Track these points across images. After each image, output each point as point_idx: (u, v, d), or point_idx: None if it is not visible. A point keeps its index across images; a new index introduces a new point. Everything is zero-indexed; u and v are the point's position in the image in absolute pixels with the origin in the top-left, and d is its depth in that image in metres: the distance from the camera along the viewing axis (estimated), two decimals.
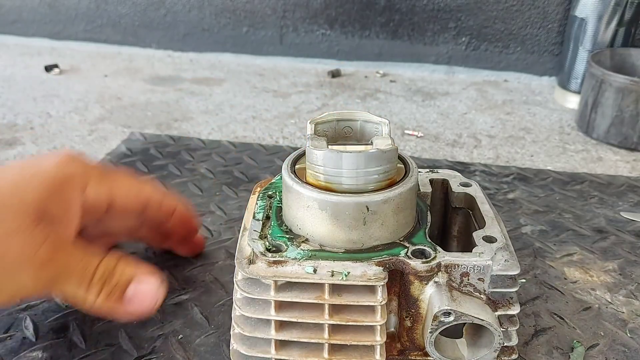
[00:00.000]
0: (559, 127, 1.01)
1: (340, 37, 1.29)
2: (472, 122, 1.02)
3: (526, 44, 1.21)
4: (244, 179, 0.79)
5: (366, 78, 1.25)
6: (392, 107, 1.09)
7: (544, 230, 0.67)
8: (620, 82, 0.88)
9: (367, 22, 1.26)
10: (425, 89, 1.19)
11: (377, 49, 1.28)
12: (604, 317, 0.53)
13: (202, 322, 0.51)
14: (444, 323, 0.40)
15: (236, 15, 1.32)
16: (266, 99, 1.12)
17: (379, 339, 0.40)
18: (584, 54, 1.05)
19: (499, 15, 1.20)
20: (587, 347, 0.49)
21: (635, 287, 0.57)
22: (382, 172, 0.41)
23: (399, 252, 0.41)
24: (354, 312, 0.40)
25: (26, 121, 0.99)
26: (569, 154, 0.90)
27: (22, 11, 1.44)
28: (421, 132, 0.97)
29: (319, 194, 0.40)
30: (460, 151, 0.91)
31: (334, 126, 0.46)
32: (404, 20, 1.24)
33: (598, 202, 0.74)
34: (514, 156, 0.89)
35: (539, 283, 0.58)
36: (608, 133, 0.92)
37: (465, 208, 0.50)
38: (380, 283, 0.39)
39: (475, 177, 0.80)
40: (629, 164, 0.87)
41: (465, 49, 1.24)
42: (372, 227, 0.41)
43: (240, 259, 0.41)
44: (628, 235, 0.66)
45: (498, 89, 1.19)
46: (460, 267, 0.40)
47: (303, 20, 1.29)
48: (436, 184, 0.52)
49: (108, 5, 1.38)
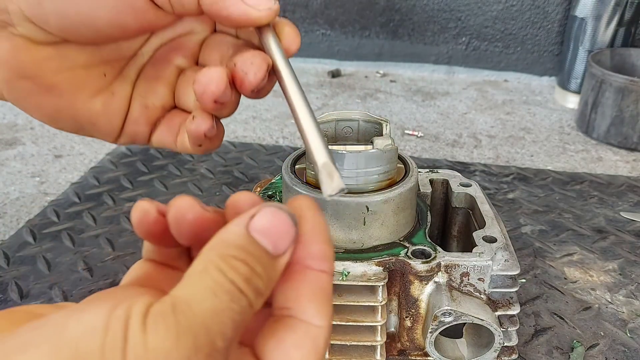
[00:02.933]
0: (558, 127, 1.01)
1: (340, 37, 1.29)
2: (472, 122, 1.02)
3: (526, 44, 1.21)
4: (244, 179, 0.79)
5: (366, 78, 1.25)
6: (392, 107, 1.09)
7: (543, 230, 0.67)
8: (620, 82, 0.88)
9: (367, 22, 1.26)
10: (425, 89, 1.19)
11: (377, 49, 1.28)
12: (604, 317, 0.53)
13: None
14: (444, 323, 0.40)
15: None
16: (266, 99, 1.12)
17: (379, 339, 0.40)
18: (583, 54, 1.05)
19: (499, 15, 1.20)
20: (587, 347, 0.49)
21: (635, 287, 0.57)
22: (382, 172, 0.41)
23: (399, 252, 0.41)
24: (354, 312, 0.40)
25: (26, 121, 0.99)
26: (569, 154, 0.90)
27: None
28: (421, 132, 0.97)
29: (318, 194, 0.40)
30: (460, 151, 0.91)
31: (334, 126, 0.46)
32: (404, 20, 1.24)
33: (598, 202, 0.74)
34: (514, 156, 0.89)
35: (539, 283, 0.58)
36: (608, 133, 0.92)
37: (465, 208, 0.50)
38: (381, 283, 0.39)
39: (475, 177, 0.80)
40: (629, 164, 0.87)
41: (466, 49, 1.24)
42: (372, 227, 0.41)
43: None
44: (628, 235, 0.66)
45: (498, 89, 1.19)
46: (460, 267, 0.40)
47: (303, 20, 1.29)
48: (436, 184, 0.52)
49: None
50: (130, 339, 0.16)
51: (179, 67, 0.36)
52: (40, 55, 0.32)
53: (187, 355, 0.16)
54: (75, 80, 0.34)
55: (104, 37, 0.32)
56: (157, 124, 0.37)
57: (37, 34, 0.32)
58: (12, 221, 0.70)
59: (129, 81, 0.36)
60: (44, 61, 0.33)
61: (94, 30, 0.31)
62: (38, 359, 0.15)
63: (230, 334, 0.18)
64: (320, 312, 0.21)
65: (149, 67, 0.36)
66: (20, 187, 0.78)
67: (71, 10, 0.30)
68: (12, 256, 0.62)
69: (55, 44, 0.33)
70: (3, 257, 0.62)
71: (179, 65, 0.36)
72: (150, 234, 0.23)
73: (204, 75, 0.30)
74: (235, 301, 0.18)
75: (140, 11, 0.31)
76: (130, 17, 0.31)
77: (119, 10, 0.30)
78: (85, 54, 0.34)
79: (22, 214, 0.72)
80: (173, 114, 0.37)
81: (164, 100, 0.37)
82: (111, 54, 0.35)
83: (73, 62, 0.34)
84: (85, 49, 0.34)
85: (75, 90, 0.34)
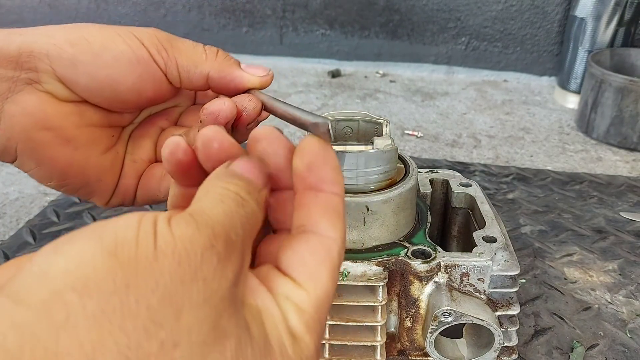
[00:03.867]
0: (558, 127, 1.01)
1: (340, 37, 1.29)
2: (471, 122, 1.02)
3: (526, 44, 1.21)
4: None
5: (366, 78, 1.25)
6: (391, 107, 1.09)
7: (543, 231, 0.67)
8: (619, 82, 0.88)
9: (366, 22, 1.26)
10: (425, 89, 1.19)
11: (376, 49, 1.28)
12: (603, 317, 0.53)
13: None
14: (444, 323, 0.40)
15: (236, 16, 1.32)
16: None
17: (379, 339, 0.40)
18: (583, 54, 1.05)
19: (499, 16, 1.20)
20: (587, 347, 0.49)
21: (635, 287, 0.57)
22: (382, 172, 0.41)
23: (399, 252, 0.41)
24: (354, 312, 0.40)
25: None
26: (569, 154, 0.90)
27: (22, 11, 1.43)
28: (421, 132, 0.97)
29: None
30: (459, 151, 0.91)
31: (334, 126, 0.46)
32: (404, 20, 1.24)
33: (597, 202, 0.74)
34: (514, 156, 0.89)
35: (539, 283, 0.58)
36: (607, 133, 0.92)
37: (465, 208, 0.50)
38: (381, 283, 0.39)
39: (475, 177, 0.80)
40: (629, 164, 0.87)
41: (465, 49, 1.24)
42: (372, 227, 0.41)
43: None
44: (628, 235, 0.66)
45: (497, 89, 1.19)
46: (460, 267, 0.40)
47: (303, 20, 1.29)
48: (436, 184, 0.52)
49: (108, 5, 1.38)
50: (159, 231, 0.18)
51: (162, 127, 0.43)
52: (63, 110, 0.37)
53: (209, 240, 0.19)
54: (92, 136, 0.39)
55: (120, 101, 0.37)
56: (141, 176, 0.42)
57: (62, 92, 0.36)
58: (11, 221, 0.70)
59: (124, 142, 0.42)
60: (67, 115, 0.37)
61: (115, 93, 0.36)
62: (84, 244, 0.17)
63: (241, 232, 0.21)
64: (333, 226, 0.24)
65: (138, 129, 0.42)
66: (20, 187, 0.78)
67: (102, 73, 0.35)
68: (12, 256, 0.62)
69: (75, 102, 0.37)
70: (3, 258, 0.62)
71: (162, 126, 0.43)
72: (180, 166, 0.25)
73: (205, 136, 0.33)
74: (241, 206, 0.21)
75: (157, 82, 0.37)
76: (149, 85, 0.36)
77: (143, 79, 0.36)
78: (99, 115, 0.38)
79: (22, 214, 0.72)
80: (155, 166, 0.42)
81: (149, 154, 0.42)
82: (116, 120, 0.40)
83: (90, 120, 0.38)
84: (99, 111, 0.38)
85: (91, 145, 0.39)
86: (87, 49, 0.35)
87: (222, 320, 0.18)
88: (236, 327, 0.19)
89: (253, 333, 0.20)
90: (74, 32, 0.35)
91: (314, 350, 0.22)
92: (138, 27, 0.37)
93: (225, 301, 0.18)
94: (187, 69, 0.36)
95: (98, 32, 0.36)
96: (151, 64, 0.36)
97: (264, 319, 0.21)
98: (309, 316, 0.22)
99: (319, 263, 0.23)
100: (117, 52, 0.35)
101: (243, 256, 0.21)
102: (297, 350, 0.21)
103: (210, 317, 0.18)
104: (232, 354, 0.18)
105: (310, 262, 0.23)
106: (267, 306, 0.21)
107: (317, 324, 0.22)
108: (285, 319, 0.21)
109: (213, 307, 0.18)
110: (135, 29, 0.36)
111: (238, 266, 0.20)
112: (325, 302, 0.23)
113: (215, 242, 0.19)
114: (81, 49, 0.35)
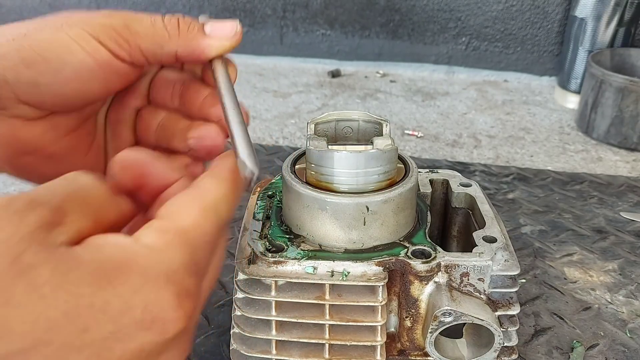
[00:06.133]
0: (558, 127, 1.01)
1: (340, 37, 1.29)
2: (472, 122, 1.02)
3: (526, 44, 1.21)
4: None
5: (366, 78, 1.25)
6: (392, 107, 1.09)
7: (543, 230, 0.67)
8: (620, 82, 0.88)
9: (367, 22, 1.26)
10: (425, 89, 1.19)
11: (377, 49, 1.28)
12: (604, 317, 0.53)
13: (202, 322, 0.51)
14: (444, 323, 0.40)
15: (236, 15, 1.32)
16: (266, 99, 1.12)
17: (379, 339, 0.40)
18: (583, 54, 1.05)
19: (499, 16, 1.20)
20: (587, 347, 0.49)
21: (635, 287, 0.57)
22: (382, 172, 0.41)
23: (399, 252, 0.41)
24: (354, 312, 0.40)
25: None
26: (569, 154, 0.90)
27: (22, 11, 1.43)
28: (421, 132, 0.97)
29: (318, 194, 0.40)
30: (460, 151, 0.91)
31: (334, 126, 0.46)
32: (404, 20, 1.24)
33: (598, 202, 0.74)
34: (514, 156, 0.89)
35: (539, 283, 0.58)
36: (608, 133, 0.92)
37: (465, 208, 0.50)
38: (381, 283, 0.39)
39: (475, 177, 0.80)
40: (629, 164, 0.87)
41: (465, 49, 1.24)
42: (372, 227, 0.41)
43: (240, 259, 0.41)
44: (628, 236, 0.66)
45: (498, 89, 1.19)
46: (460, 267, 0.40)
47: (303, 20, 1.29)
48: (436, 184, 0.52)
49: (108, 5, 1.38)
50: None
51: (136, 109, 0.41)
52: (36, 131, 0.36)
53: (11, 202, 0.22)
54: (70, 145, 0.38)
55: (90, 101, 0.37)
56: None
57: (30, 113, 0.35)
58: None
59: (102, 131, 0.41)
60: (42, 134, 0.37)
61: (83, 99, 0.36)
62: None
63: (55, 199, 0.24)
64: (217, 184, 0.27)
65: (111, 112, 0.41)
66: (20, 187, 0.78)
67: (66, 89, 0.34)
68: None
69: (45, 117, 0.36)
70: None
71: (135, 106, 0.41)
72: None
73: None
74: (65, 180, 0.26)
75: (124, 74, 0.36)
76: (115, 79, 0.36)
77: (109, 79, 0.35)
78: (71, 119, 0.38)
79: None
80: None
81: (129, 141, 0.41)
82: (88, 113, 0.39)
83: (65, 129, 0.38)
84: (71, 115, 0.38)
85: (73, 153, 0.39)
86: (44, 68, 0.33)
87: (25, 255, 0.21)
88: (46, 260, 0.21)
89: (82, 258, 0.22)
90: (24, 45, 0.33)
91: (179, 264, 0.24)
92: (91, 16, 0.34)
93: (25, 242, 0.21)
94: (153, 52, 0.35)
95: (50, 41, 0.33)
96: (114, 63, 0.34)
97: (102, 246, 0.23)
98: (169, 237, 0.24)
99: (186, 202, 0.25)
100: (76, 63, 0.33)
101: (55, 213, 0.23)
102: (154, 257, 0.23)
103: (7, 254, 0.20)
104: (47, 279, 0.21)
105: (177, 201, 0.25)
106: (114, 239, 0.23)
107: (184, 246, 0.24)
108: (137, 240, 0.24)
109: (10, 246, 0.21)
110: (88, 22, 0.34)
111: (42, 218, 0.22)
112: (197, 236, 0.25)
113: (16, 203, 0.22)
114: (39, 70, 0.33)
